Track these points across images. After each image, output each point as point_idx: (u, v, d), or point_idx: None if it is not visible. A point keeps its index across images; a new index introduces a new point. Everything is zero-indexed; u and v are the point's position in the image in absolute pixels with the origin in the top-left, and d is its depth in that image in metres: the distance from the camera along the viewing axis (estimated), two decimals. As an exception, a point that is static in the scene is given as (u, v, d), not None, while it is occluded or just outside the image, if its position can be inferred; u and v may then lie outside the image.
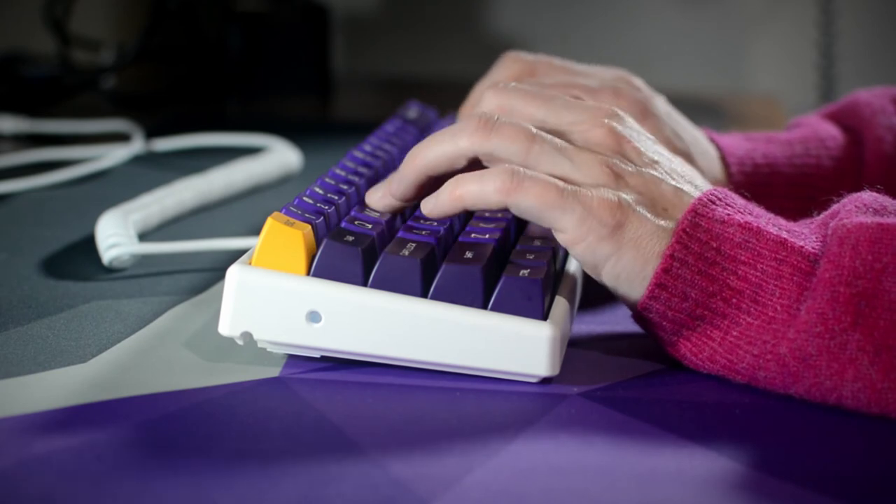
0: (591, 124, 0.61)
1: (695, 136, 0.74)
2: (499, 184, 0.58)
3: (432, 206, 0.61)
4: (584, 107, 0.63)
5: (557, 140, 0.60)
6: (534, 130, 0.60)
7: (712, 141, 0.76)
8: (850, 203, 0.59)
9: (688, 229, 0.57)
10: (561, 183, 0.58)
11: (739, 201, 0.60)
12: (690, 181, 0.61)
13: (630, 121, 0.64)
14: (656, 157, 0.61)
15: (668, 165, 0.62)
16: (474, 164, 0.61)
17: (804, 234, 0.58)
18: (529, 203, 0.58)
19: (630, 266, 0.58)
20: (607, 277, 0.59)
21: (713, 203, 0.58)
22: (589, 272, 0.59)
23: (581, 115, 0.62)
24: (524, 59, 0.77)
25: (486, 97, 0.65)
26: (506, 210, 0.64)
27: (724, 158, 0.75)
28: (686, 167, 0.63)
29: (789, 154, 0.77)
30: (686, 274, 0.57)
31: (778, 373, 0.56)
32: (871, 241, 0.55)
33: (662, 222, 0.58)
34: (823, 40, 1.62)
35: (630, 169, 0.60)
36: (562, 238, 0.58)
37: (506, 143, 0.59)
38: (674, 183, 0.60)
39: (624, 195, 0.58)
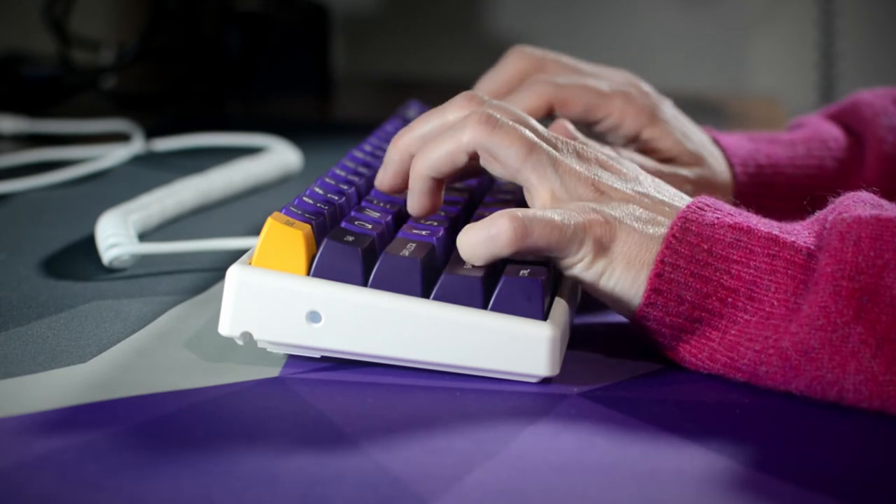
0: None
1: (702, 138, 0.75)
2: (510, 233, 0.57)
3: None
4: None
5: (553, 152, 0.60)
6: (534, 139, 0.60)
7: (715, 142, 0.76)
8: (848, 199, 0.59)
9: (677, 234, 0.58)
10: (559, 216, 0.58)
11: (728, 207, 0.60)
12: (677, 194, 0.62)
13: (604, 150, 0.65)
14: (640, 177, 0.62)
15: (652, 182, 0.62)
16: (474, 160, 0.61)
17: (795, 230, 0.58)
18: (543, 245, 0.57)
19: (623, 277, 0.58)
20: (603, 293, 0.59)
21: (702, 210, 0.59)
22: (588, 292, 0.60)
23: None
24: (532, 54, 0.76)
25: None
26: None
27: (727, 159, 0.75)
28: (669, 186, 0.63)
29: (792, 155, 0.77)
30: (679, 277, 0.57)
31: (780, 367, 0.56)
32: (873, 238, 0.55)
33: (651, 231, 0.58)
34: (823, 40, 1.62)
35: (615, 184, 0.60)
36: (561, 264, 0.59)
37: (504, 144, 0.59)
38: (660, 196, 0.60)
39: (609, 210, 0.58)
